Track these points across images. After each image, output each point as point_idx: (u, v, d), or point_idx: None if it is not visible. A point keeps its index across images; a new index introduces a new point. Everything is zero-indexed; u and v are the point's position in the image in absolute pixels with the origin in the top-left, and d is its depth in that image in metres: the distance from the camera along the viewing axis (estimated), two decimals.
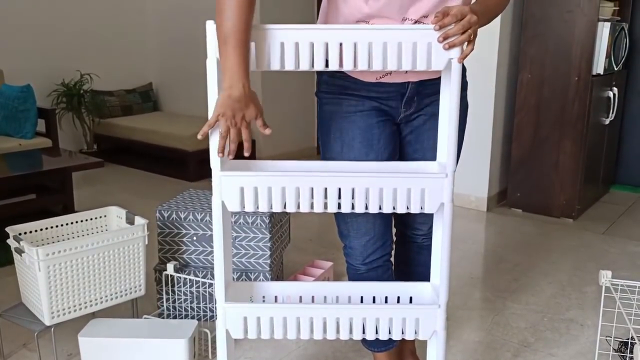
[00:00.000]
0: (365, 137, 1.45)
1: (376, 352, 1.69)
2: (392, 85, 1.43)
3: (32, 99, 3.66)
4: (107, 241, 1.87)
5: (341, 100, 1.46)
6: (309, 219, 3.35)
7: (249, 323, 1.38)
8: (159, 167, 4.39)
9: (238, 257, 2.13)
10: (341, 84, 1.46)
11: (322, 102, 1.51)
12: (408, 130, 1.52)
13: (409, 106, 1.47)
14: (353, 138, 1.46)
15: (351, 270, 1.61)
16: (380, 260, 1.57)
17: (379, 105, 1.46)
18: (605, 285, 1.54)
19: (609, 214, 3.47)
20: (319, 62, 1.23)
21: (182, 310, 2.14)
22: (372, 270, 1.57)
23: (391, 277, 1.64)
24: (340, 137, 1.47)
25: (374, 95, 1.45)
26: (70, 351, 1.93)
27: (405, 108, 1.47)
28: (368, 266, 1.56)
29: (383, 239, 1.55)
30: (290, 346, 2.01)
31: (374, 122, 1.45)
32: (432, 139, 1.44)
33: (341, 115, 1.46)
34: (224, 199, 1.31)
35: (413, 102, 1.47)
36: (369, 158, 1.46)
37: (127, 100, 4.92)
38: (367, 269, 1.57)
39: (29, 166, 3.15)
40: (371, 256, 1.55)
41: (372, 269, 1.57)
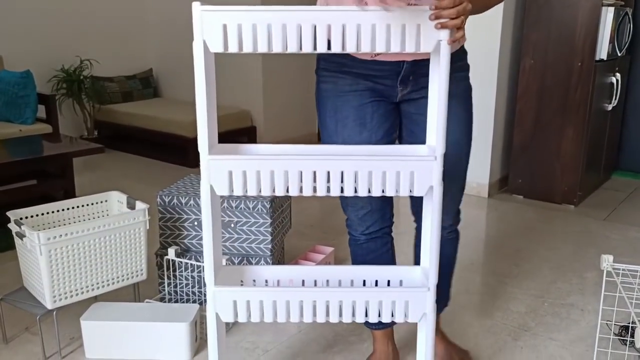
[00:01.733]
0: (359, 116, 1.50)
1: (374, 330, 1.74)
2: (387, 64, 1.44)
3: (32, 84, 3.65)
4: (108, 226, 1.87)
5: (337, 79, 1.50)
6: (310, 204, 3.35)
7: (238, 306, 1.38)
8: (160, 154, 4.39)
9: (239, 242, 2.13)
10: (339, 61, 1.48)
11: (320, 80, 1.55)
12: (413, 109, 1.52)
13: (405, 85, 1.48)
14: (346, 116, 1.50)
15: (352, 241, 1.68)
16: (379, 232, 1.63)
17: (373, 85, 1.48)
18: (607, 269, 1.54)
19: (611, 200, 3.47)
20: (307, 44, 1.21)
21: (184, 295, 2.14)
22: (371, 241, 1.64)
23: (390, 249, 1.69)
24: (334, 115, 1.52)
25: (370, 74, 1.46)
26: (72, 335, 1.93)
27: (401, 87, 1.48)
28: (367, 237, 1.64)
29: (381, 212, 1.61)
30: (291, 330, 2.02)
31: (367, 102, 1.49)
32: None
33: (336, 94, 1.51)
34: (212, 182, 1.30)
35: (409, 81, 1.47)
36: (362, 136, 1.50)
37: (127, 87, 4.90)
38: (366, 239, 1.64)
39: (30, 152, 3.14)
40: (370, 228, 1.62)
41: (370, 239, 1.64)
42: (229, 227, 2.12)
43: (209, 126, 1.29)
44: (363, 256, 1.68)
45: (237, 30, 1.20)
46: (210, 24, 1.20)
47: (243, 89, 4.65)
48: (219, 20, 1.20)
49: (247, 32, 1.20)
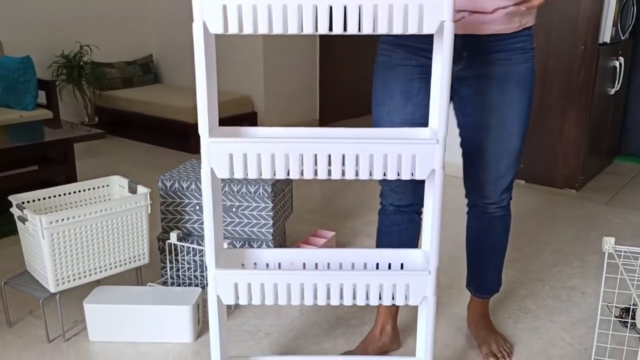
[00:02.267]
0: (405, 89, 1.52)
1: None
2: None
3: (32, 70, 3.63)
4: (110, 210, 1.88)
5: (392, 52, 1.53)
6: (311, 190, 3.35)
7: (239, 289, 1.39)
8: (161, 139, 4.38)
9: (240, 226, 2.13)
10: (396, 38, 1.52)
11: (378, 53, 1.58)
12: (467, 90, 1.53)
13: (458, 62, 1.47)
14: (394, 89, 1.54)
15: (381, 210, 1.72)
16: (408, 207, 1.66)
17: (426, 61, 1.48)
18: (609, 251, 1.54)
19: (613, 184, 3.46)
20: (308, 25, 1.20)
21: (186, 279, 2.15)
22: (399, 214, 1.68)
23: (416, 228, 1.70)
24: (383, 86, 1.56)
25: (423, 47, 1.47)
26: (76, 318, 1.95)
27: (454, 64, 1.46)
28: (395, 208, 1.67)
29: (414, 188, 1.62)
30: (293, 313, 2.03)
31: (415, 77, 1.51)
32: (493, 101, 1.50)
33: (388, 66, 1.54)
34: (213, 165, 1.30)
35: (462, 58, 1.47)
36: (407, 109, 1.53)
37: (127, 72, 4.88)
38: (394, 210, 1.68)
39: (31, 137, 3.14)
40: (400, 200, 1.65)
41: (398, 211, 1.67)
42: (230, 211, 2.12)
43: (209, 109, 1.29)
44: (388, 227, 1.71)
45: (237, 11, 1.19)
46: (210, 4, 1.19)
47: (244, 75, 4.63)
48: (218, 1, 1.19)
49: (248, 13, 1.19)
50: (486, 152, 1.56)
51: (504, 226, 1.71)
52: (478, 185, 1.63)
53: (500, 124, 1.53)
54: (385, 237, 1.72)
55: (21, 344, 1.83)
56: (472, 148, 1.59)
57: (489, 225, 1.69)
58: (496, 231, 1.71)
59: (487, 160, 1.57)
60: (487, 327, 1.84)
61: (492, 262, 1.77)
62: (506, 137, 1.55)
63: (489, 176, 1.60)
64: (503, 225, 1.71)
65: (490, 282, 1.81)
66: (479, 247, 1.75)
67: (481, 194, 1.64)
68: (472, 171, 1.62)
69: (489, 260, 1.77)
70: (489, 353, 1.75)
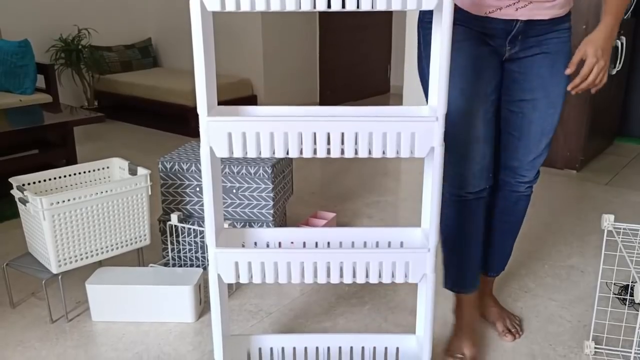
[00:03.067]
0: (475, 65, 1.48)
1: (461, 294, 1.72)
2: (500, 23, 1.45)
3: (30, 54, 3.62)
4: (110, 191, 1.88)
5: None
6: (312, 172, 3.35)
7: (240, 268, 1.39)
8: (161, 123, 4.38)
9: (241, 207, 2.14)
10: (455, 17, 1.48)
11: (426, 34, 1.50)
12: (516, 67, 1.53)
13: (513, 45, 1.48)
14: (461, 65, 1.47)
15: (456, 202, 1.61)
16: (483, 192, 1.59)
17: (483, 39, 1.48)
18: (608, 229, 1.55)
19: (613, 165, 3.46)
20: (306, 1, 1.19)
21: (187, 260, 2.16)
22: (475, 200, 1.59)
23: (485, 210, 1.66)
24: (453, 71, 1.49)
25: (481, 31, 1.47)
26: (78, 299, 1.96)
27: (510, 46, 1.48)
28: (475, 195, 1.58)
29: (489, 169, 1.58)
30: (294, 293, 2.04)
31: (481, 53, 1.48)
32: (537, 77, 1.50)
33: None
34: (212, 144, 1.30)
35: (517, 41, 1.48)
36: (477, 85, 1.48)
37: (126, 56, 4.86)
38: (474, 197, 1.58)
39: (31, 121, 3.13)
40: (480, 185, 1.57)
41: (476, 198, 1.59)
42: (230, 192, 2.12)
43: (208, 87, 1.28)
44: (466, 217, 1.62)
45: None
46: None
47: (243, 58, 4.61)
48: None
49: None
50: (532, 129, 1.56)
51: (527, 204, 1.72)
52: (516, 164, 1.62)
53: (549, 101, 1.55)
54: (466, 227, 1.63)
55: (24, 325, 1.84)
56: (516, 126, 1.58)
57: (515, 204, 1.69)
58: (519, 210, 1.71)
59: (531, 137, 1.57)
60: (496, 304, 1.86)
61: (510, 240, 1.78)
62: (552, 114, 1.57)
63: (530, 154, 1.60)
64: (526, 203, 1.71)
65: (504, 260, 1.82)
66: (500, 226, 1.74)
67: (517, 172, 1.63)
68: (511, 149, 1.61)
69: (508, 238, 1.77)
70: (505, 329, 1.77)
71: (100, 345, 1.74)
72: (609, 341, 1.72)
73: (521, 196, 1.68)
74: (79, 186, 2.06)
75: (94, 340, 1.77)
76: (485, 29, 1.47)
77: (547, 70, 1.51)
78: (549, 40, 1.49)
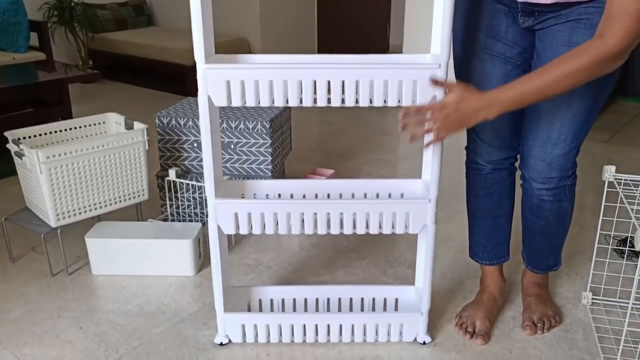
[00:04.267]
0: (491, 26, 1.37)
1: (485, 265, 1.68)
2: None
3: (22, 11, 3.54)
4: (107, 145, 1.86)
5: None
6: (310, 130, 3.33)
7: (240, 218, 1.39)
8: (157, 83, 4.32)
9: (239, 162, 2.12)
10: None
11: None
12: (537, 42, 1.36)
13: (527, 17, 1.33)
14: (479, 24, 1.38)
15: (474, 171, 1.58)
16: (505, 162, 1.54)
17: (502, 7, 1.36)
18: (609, 180, 1.54)
19: (614, 123, 3.44)
20: None
21: (186, 216, 2.16)
22: (497, 171, 1.54)
23: (514, 182, 1.59)
24: (465, 23, 1.41)
25: None
26: (78, 253, 1.96)
27: (522, 19, 1.34)
28: (494, 165, 1.54)
29: (510, 138, 1.50)
30: (293, 248, 2.05)
31: (501, 13, 1.35)
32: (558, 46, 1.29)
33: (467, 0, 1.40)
34: (210, 93, 1.28)
35: (531, 16, 1.32)
36: (496, 48, 1.38)
37: (120, 14, 4.76)
38: (492, 168, 1.54)
39: (25, 79, 3.09)
40: (499, 154, 1.52)
41: (497, 169, 1.54)
42: (228, 148, 2.10)
43: (205, 35, 1.25)
44: (487, 188, 1.56)
45: None
46: None
47: (240, 16, 4.51)
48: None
49: None
50: (541, 108, 1.37)
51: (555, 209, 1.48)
52: (525, 152, 1.45)
53: None
54: (486, 199, 1.57)
55: (25, 279, 1.85)
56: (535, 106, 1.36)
57: (538, 206, 1.48)
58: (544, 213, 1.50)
59: (541, 119, 1.38)
60: (538, 295, 1.66)
61: (544, 242, 1.58)
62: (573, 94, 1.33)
63: (536, 139, 1.40)
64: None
65: (544, 260, 1.63)
66: (527, 223, 1.56)
67: (527, 163, 1.44)
68: (525, 132, 1.44)
69: (541, 239, 1.57)
70: (527, 321, 1.60)
71: (101, 298, 1.75)
72: (607, 292, 1.73)
73: (542, 198, 1.46)
74: (75, 141, 2.03)
75: (95, 292, 1.78)
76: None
77: (565, 39, 1.29)
78: (571, 12, 1.27)
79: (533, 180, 1.44)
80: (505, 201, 1.60)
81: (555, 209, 1.47)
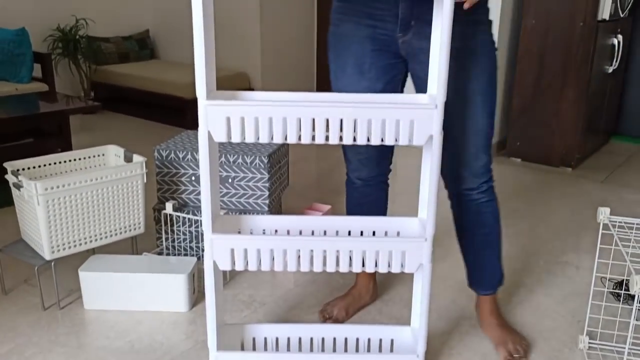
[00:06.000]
0: (357, 64, 1.50)
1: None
2: (383, 1, 1.41)
3: (27, 42, 3.59)
4: (105, 177, 1.87)
5: (342, 22, 1.50)
6: (308, 165, 3.35)
7: (236, 254, 1.39)
8: (157, 115, 4.35)
9: (237, 197, 2.13)
10: (344, 5, 1.48)
11: (331, 23, 1.55)
12: (417, 66, 1.46)
13: (406, 31, 1.42)
14: (345, 62, 1.51)
15: (349, 184, 1.74)
16: (375, 179, 1.69)
17: (373, 32, 1.46)
18: (603, 222, 1.55)
19: (609, 163, 3.47)
20: None
21: (182, 250, 2.15)
22: (367, 186, 1.71)
23: (384, 196, 1.76)
24: (335, 59, 1.54)
25: (371, 12, 1.44)
26: (71, 287, 1.95)
27: (401, 33, 1.43)
28: (364, 182, 1.70)
29: (379, 159, 1.65)
30: (288, 285, 2.03)
31: (367, 50, 1.48)
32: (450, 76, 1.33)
33: (339, 39, 1.52)
34: (210, 128, 1.29)
35: (410, 27, 1.42)
36: (361, 85, 1.51)
37: (123, 47, 4.83)
38: (363, 184, 1.70)
39: (26, 109, 3.11)
40: (368, 173, 1.67)
41: (367, 185, 1.70)
42: (226, 182, 2.11)
43: (207, 71, 1.27)
44: (358, 199, 1.74)
45: None
46: None
47: (241, 51, 4.59)
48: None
49: None
50: (453, 132, 1.46)
51: (492, 212, 1.60)
52: (453, 172, 1.55)
53: (465, 99, 1.44)
54: (356, 209, 1.75)
55: (16, 311, 1.83)
56: None
57: (477, 214, 1.59)
58: (486, 219, 1.60)
59: (455, 142, 1.47)
60: (501, 325, 1.72)
61: (491, 254, 1.66)
62: (470, 115, 1.45)
63: (461, 160, 1.51)
64: (491, 211, 1.59)
65: (493, 275, 1.70)
66: (472, 240, 1.65)
67: (458, 180, 1.55)
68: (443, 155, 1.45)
69: (488, 253, 1.66)
70: (507, 355, 1.63)
71: (92, 333, 1.73)
72: (603, 336, 1.72)
73: (479, 204, 1.57)
74: (73, 173, 2.04)
75: (86, 328, 1.75)
76: (374, 8, 1.42)
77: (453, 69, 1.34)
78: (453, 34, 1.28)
79: (465, 192, 1.57)
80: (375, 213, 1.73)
81: (491, 210, 1.60)
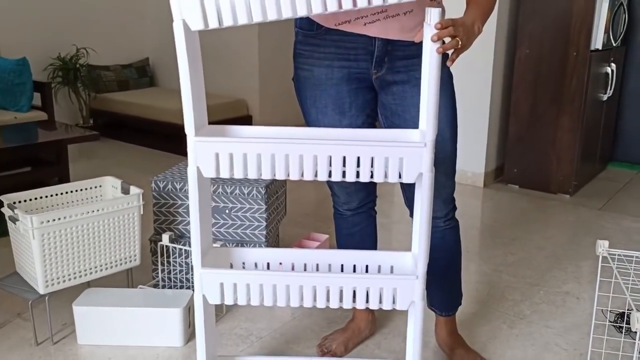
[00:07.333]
0: (337, 105, 1.53)
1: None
2: (357, 41, 1.43)
3: (27, 72, 3.61)
4: (102, 210, 1.86)
5: (313, 67, 1.52)
6: (305, 194, 3.34)
7: (225, 289, 1.38)
8: (155, 142, 4.36)
9: (234, 228, 2.12)
10: (312, 42, 1.49)
11: (297, 67, 1.57)
12: (390, 97, 1.51)
13: (380, 67, 1.46)
14: (325, 105, 1.54)
15: (337, 215, 1.77)
16: (364, 207, 1.72)
17: (348, 71, 1.48)
18: (603, 255, 1.54)
19: (606, 190, 3.47)
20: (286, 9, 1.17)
21: (177, 282, 2.13)
22: (357, 215, 1.73)
23: (373, 223, 1.78)
24: (314, 103, 1.56)
25: (343, 52, 1.46)
26: (64, 321, 1.92)
27: (376, 69, 1.47)
28: (353, 212, 1.72)
29: (366, 189, 1.68)
30: (285, 317, 2.01)
31: (344, 91, 1.51)
32: (414, 107, 1.43)
33: (314, 83, 1.53)
34: (199, 164, 1.29)
35: (384, 63, 1.46)
36: (343, 124, 1.54)
37: (123, 76, 4.87)
38: (352, 213, 1.73)
39: (25, 138, 3.12)
40: (356, 203, 1.70)
41: (356, 214, 1.73)
42: (223, 213, 2.11)
43: (195, 108, 1.28)
44: (348, 229, 1.75)
45: (215, 5, 1.19)
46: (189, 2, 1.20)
47: (239, 78, 4.62)
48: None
49: (225, 4, 1.19)
50: None
51: (455, 237, 1.65)
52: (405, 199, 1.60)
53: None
54: (348, 240, 1.75)
55: (8, 347, 1.80)
56: None
57: (442, 240, 1.61)
58: (450, 245, 1.64)
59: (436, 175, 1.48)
60: (461, 344, 1.77)
61: (453, 277, 1.72)
62: (439, 142, 1.46)
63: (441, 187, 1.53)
64: (454, 236, 1.64)
65: (455, 297, 1.75)
66: (437, 264, 1.60)
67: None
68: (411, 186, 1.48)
69: (450, 276, 1.71)
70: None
71: None
72: None
73: (445, 231, 1.60)
74: (70, 205, 2.03)
75: None
76: (346, 48, 1.44)
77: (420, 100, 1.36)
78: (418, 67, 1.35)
79: (439, 219, 1.58)
80: (367, 240, 1.76)
81: (454, 235, 1.64)
